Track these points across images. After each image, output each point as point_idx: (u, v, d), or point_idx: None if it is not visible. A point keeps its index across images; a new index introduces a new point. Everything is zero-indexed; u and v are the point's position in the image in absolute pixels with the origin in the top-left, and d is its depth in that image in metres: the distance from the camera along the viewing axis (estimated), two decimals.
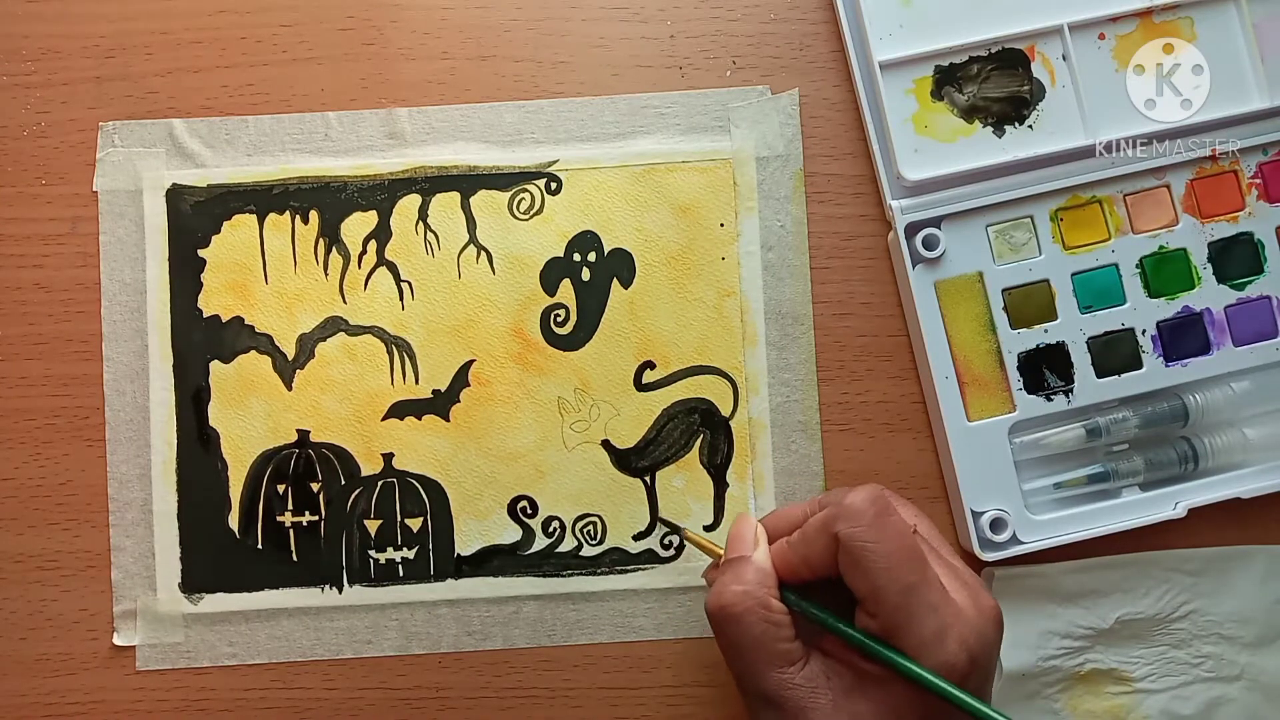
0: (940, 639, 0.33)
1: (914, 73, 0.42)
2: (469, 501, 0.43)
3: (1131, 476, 0.42)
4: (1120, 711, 0.42)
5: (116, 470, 0.42)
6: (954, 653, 0.33)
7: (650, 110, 0.44)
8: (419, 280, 0.43)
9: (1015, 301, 0.42)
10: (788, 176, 0.44)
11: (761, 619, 0.35)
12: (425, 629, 0.42)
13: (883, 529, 0.34)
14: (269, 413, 0.43)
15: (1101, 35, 0.42)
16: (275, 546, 0.42)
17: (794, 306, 0.43)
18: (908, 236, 0.42)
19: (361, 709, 0.42)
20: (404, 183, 0.43)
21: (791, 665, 0.35)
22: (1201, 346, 0.42)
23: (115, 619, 0.42)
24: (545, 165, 0.43)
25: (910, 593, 0.33)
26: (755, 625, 0.35)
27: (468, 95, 0.44)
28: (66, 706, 0.42)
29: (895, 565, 0.33)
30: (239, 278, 0.43)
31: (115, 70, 0.43)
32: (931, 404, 0.42)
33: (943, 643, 0.33)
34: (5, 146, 0.43)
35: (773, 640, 0.35)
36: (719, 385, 0.43)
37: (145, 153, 0.43)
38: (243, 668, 0.42)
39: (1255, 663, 0.43)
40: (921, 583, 0.33)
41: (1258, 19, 0.42)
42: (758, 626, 0.35)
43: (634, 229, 0.43)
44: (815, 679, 0.35)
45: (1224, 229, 0.42)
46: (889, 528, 0.34)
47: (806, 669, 0.35)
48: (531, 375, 0.43)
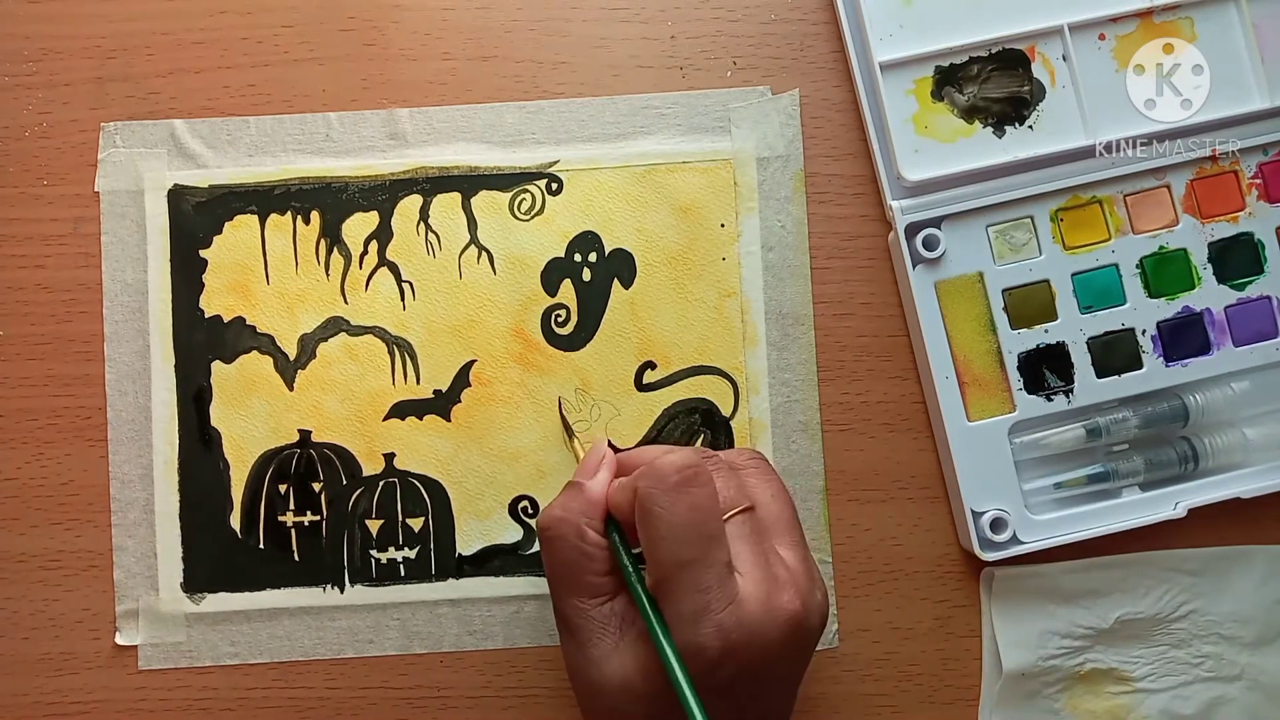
0: (696, 620, 0.32)
1: (914, 73, 0.42)
2: (470, 501, 0.43)
3: (1131, 476, 0.42)
4: (1120, 711, 0.42)
5: (118, 470, 0.42)
6: (706, 635, 0.32)
7: (651, 111, 0.44)
8: (420, 281, 0.43)
9: (1015, 302, 0.42)
10: (788, 177, 0.44)
11: (574, 546, 0.35)
12: (427, 628, 0.42)
13: (677, 498, 0.33)
14: (270, 413, 0.43)
15: (1102, 35, 0.42)
16: (277, 546, 0.42)
17: (794, 307, 0.43)
18: (908, 237, 0.42)
19: (363, 708, 0.42)
20: (405, 183, 0.43)
21: (593, 598, 0.35)
22: (1202, 347, 0.42)
23: (117, 618, 0.42)
24: (546, 166, 0.43)
25: (683, 568, 0.33)
26: (567, 551, 0.35)
27: (469, 96, 0.44)
28: (68, 706, 0.42)
29: (676, 537, 0.33)
30: (240, 278, 0.43)
31: (117, 71, 0.44)
32: (932, 404, 0.42)
33: (696, 624, 0.32)
34: (7, 147, 0.43)
35: (580, 569, 0.35)
36: (719, 385, 0.43)
37: (147, 153, 0.43)
38: (244, 667, 0.42)
39: (1255, 663, 0.43)
40: (698, 561, 0.33)
41: (1258, 19, 0.42)
42: (568, 553, 0.35)
43: (635, 229, 0.43)
44: (609, 619, 0.35)
45: (1224, 229, 0.43)
46: (683, 498, 0.33)
47: (606, 606, 0.35)
48: (532, 375, 0.43)
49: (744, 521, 0.35)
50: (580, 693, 0.36)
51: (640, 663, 0.34)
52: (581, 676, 0.35)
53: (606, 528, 0.36)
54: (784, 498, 0.37)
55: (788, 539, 0.36)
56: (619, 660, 0.34)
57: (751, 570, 0.34)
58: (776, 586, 0.34)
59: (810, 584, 0.35)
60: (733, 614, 0.33)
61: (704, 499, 0.34)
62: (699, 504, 0.33)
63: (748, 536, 0.35)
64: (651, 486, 0.34)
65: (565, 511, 0.36)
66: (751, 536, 0.35)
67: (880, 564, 0.43)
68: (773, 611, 0.33)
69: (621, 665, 0.34)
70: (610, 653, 0.35)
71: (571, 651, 0.36)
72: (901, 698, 0.43)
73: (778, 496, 0.37)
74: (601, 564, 0.35)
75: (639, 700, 0.34)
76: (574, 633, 0.35)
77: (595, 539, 0.36)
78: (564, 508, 0.36)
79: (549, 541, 0.36)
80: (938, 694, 0.43)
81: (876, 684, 0.43)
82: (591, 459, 0.38)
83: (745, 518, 0.35)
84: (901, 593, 0.43)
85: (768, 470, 0.38)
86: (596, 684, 0.35)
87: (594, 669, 0.35)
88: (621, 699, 0.34)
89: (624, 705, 0.34)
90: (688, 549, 0.33)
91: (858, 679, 0.43)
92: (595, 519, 0.36)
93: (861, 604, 0.43)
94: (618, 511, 0.36)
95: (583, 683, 0.36)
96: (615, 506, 0.36)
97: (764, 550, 0.35)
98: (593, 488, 0.37)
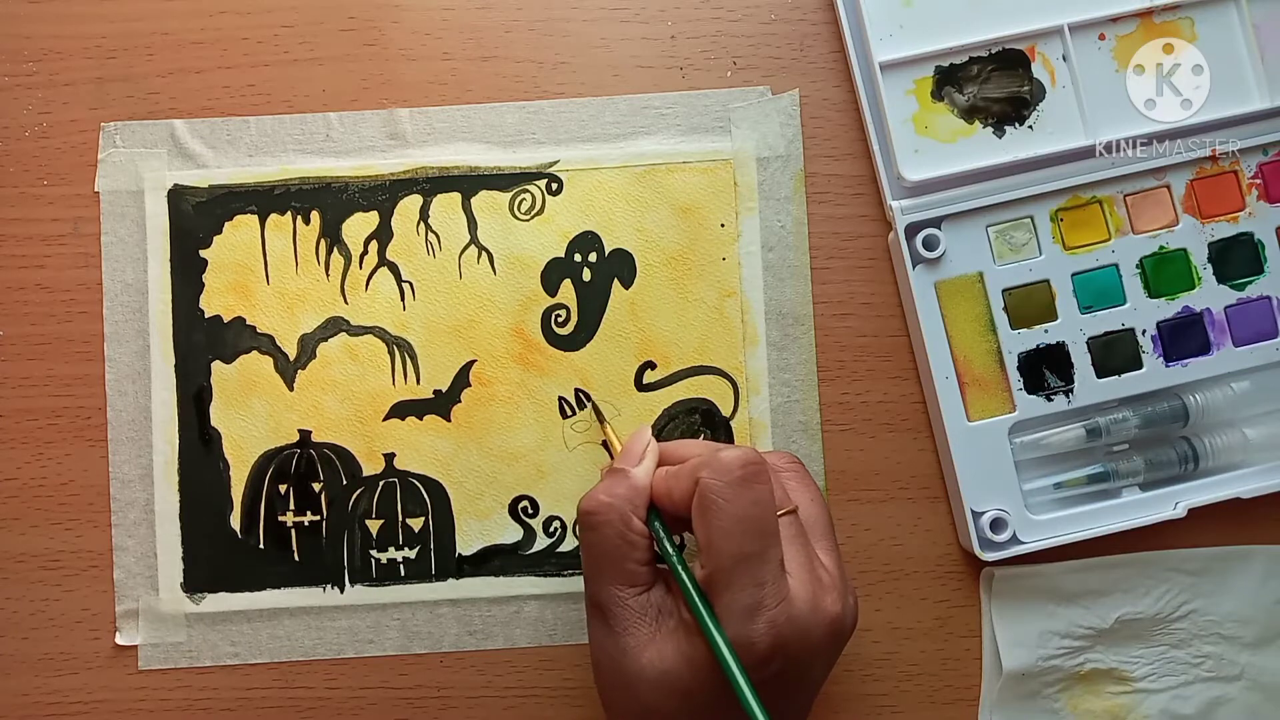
0: (750, 614, 0.33)
1: (914, 73, 0.42)
2: (470, 501, 0.43)
3: (1132, 476, 0.42)
4: (1120, 711, 0.42)
5: (118, 470, 0.42)
6: (759, 632, 0.33)
7: (651, 111, 0.44)
8: (420, 281, 0.43)
9: (1015, 302, 0.42)
10: (788, 177, 0.44)
11: (617, 533, 0.35)
12: (427, 628, 0.42)
13: (740, 492, 0.33)
14: (270, 413, 0.43)
15: (1102, 35, 0.42)
16: (277, 546, 0.43)
17: (794, 307, 0.43)
18: (908, 237, 0.42)
19: (363, 708, 0.42)
20: (405, 183, 0.43)
21: (632, 587, 0.35)
22: (1201, 347, 0.42)
23: (117, 618, 0.42)
24: (546, 166, 0.43)
25: (741, 561, 0.33)
26: (610, 538, 0.35)
27: (469, 96, 0.44)
28: (69, 706, 0.42)
29: (737, 530, 0.33)
30: (240, 278, 0.43)
31: (117, 71, 0.44)
32: (932, 404, 0.42)
33: (751, 618, 0.33)
34: (7, 147, 0.43)
35: (622, 557, 0.35)
36: (720, 385, 0.43)
37: (147, 153, 0.43)
38: (245, 667, 0.42)
39: (1255, 663, 0.43)
40: (756, 556, 0.33)
41: (1258, 19, 0.42)
42: (611, 540, 0.35)
43: (635, 229, 0.43)
44: (647, 609, 0.35)
45: (1224, 229, 0.43)
46: (747, 493, 0.33)
47: (644, 596, 0.35)
48: (533, 375, 0.43)
49: (790, 523, 0.35)
50: (608, 683, 0.36)
51: (683, 654, 0.34)
52: (612, 665, 0.35)
53: (649, 517, 0.36)
54: (821, 503, 0.38)
55: (825, 544, 0.36)
56: (656, 650, 0.34)
57: (798, 571, 0.34)
58: (821, 589, 0.34)
59: (845, 589, 0.36)
60: (784, 611, 0.33)
61: (765, 495, 0.34)
62: (761, 499, 0.34)
63: (794, 538, 0.35)
64: (715, 478, 0.34)
65: (611, 497, 0.36)
66: (797, 538, 0.35)
67: (880, 564, 0.43)
68: (818, 613, 0.34)
69: (660, 655, 0.34)
70: (646, 642, 0.35)
71: (605, 640, 0.36)
72: (902, 698, 0.43)
73: (816, 501, 0.37)
74: (644, 553, 0.35)
75: (676, 693, 0.34)
76: (609, 619, 0.35)
77: (640, 527, 0.35)
78: (609, 493, 0.36)
79: (593, 528, 0.35)
80: (938, 694, 0.43)
81: (877, 684, 0.43)
82: (635, 445, 0.38)
83: (791, 519, 0.35)
84: (902, 593, 0.43)
85: (805, 475, 0.38)
86: (631, 673, 0.35)
87: (628, 658, 0.35)
88: (658, 690, 0.34)
89: (660, 697, 0.34)
90: (746, 543, 0.33)
91: (858, 679, 0.43)
92: (640, 506, 0.36)
93: (862, 604, 0.43)
94: (663, 502, 0.36)
95: (613, 671, 0.35)
96: (661, 497, 0.36)
97: (809, 553, 0.35)
98: (638, 475, 0.36)
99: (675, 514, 0.35)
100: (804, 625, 0.33)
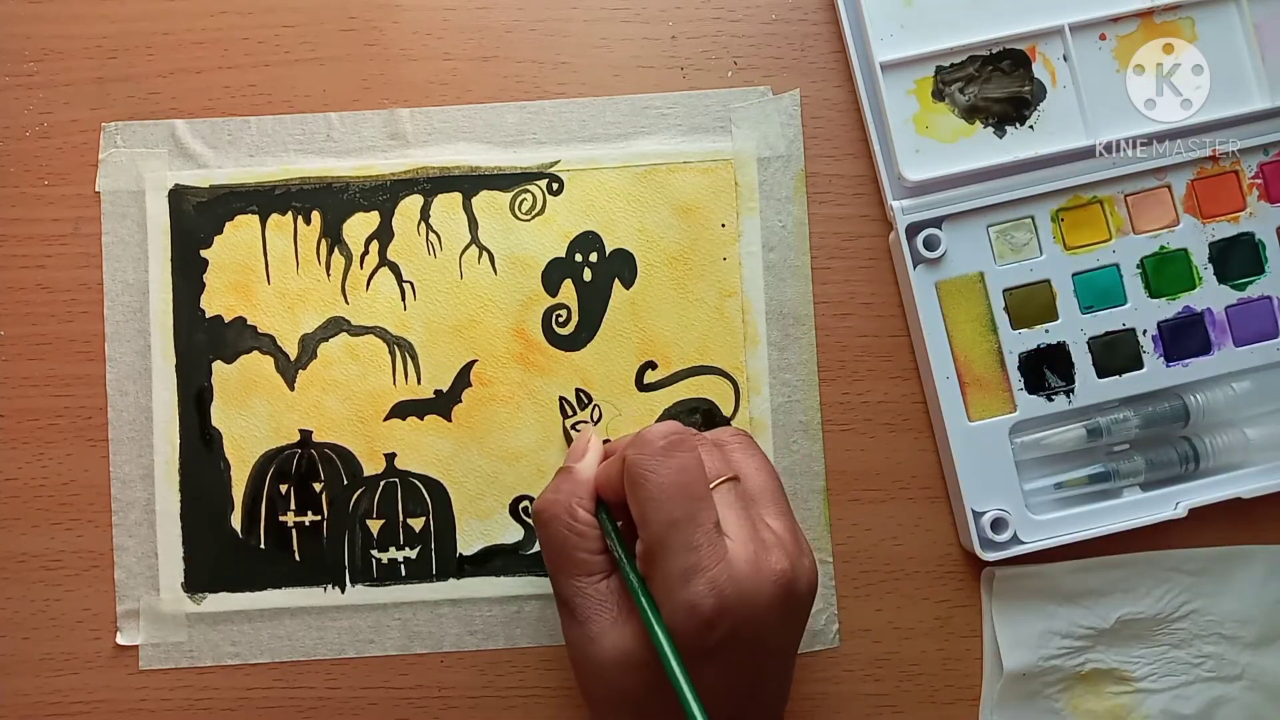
0: (687, 578, 0.33)
1: (915, 73, 0.42)
2: (471, 501, 0.43)
3: (1132, 476, 0.42)
4: (1121, 711, 0.42)
5: (119, 470, 0.42)
6: (699, 594, 0.33)
7: (652, 111, 0.44)
8: (421, 281, 0.43)
9: (1016, 302, 0.42)
10: (789, 177, 0.44)
11: (565, 525, 0.36)
12: (427, 628, 0.42)
13: (664, 460, 0.34)
14: (271, 413, 0.43)
15: (1102, 35, 0.42)
16: (278, 546, 0.43)
17: (795, 307, 0.43)
18: (909, 237, 0.42)
19: (364, 708, 0.42)
20: (406, 183, 0.43)
21: (589, 576, 0.36)
22: (1202, 347, 0.42)
23: (118, 618, 0.42)
24: (547, 166, 0.43)
25: (672, 526, 0.33)
26: (558, 531, 0.36)
27: (469, 96, 0.44)
28: (69, 706, 0.42)
29: (664, 496, 0.34)
30: (241, 278, 0.43)
31: (117, 71, 0.44)
32: (932, 404, 0.42)
33: (688, 582, 0.33)
34: (8, 147, 0.43)
35: (573, 548, 0.36)
36: (720, 385, 0.43)
37: (147, 153, 0.43)
38: (245, 667, 0.42)
39: (1256, 663, 0.43)
40: (686, 519, 0.33)
41: (1258, 19, 0.42)
42: (560, 533, 0.36)
43: (635, 229, 0.43)
44: (606, 595, 0.36)
45: (1225, 229, 0.43)
46: (671, 461, 0.34)
47: (603, 584, 0.36)
48: (533, 375, 0.43)
49: (729, 490, 0.36)
50: (581, 672, 0.37)
51: (640, 633, 0.35)
52: (582, 654, 0.36)
53: (596, 508, 0.37)
54: (769, 470, 0.38)
55: (774, 509, 0.37)
56: (618, 633, 0.35)
57: (738, 533, 0.34)
58: (764, 548, 0.35)
59: (797, 549, 0.36)
60: (724, 570, 0.33)
61: (690, 462, 0.35)
62: (685, 465, 0.34)
63: (733, 504, 0.35)
64: (639, 454, 0.35)
65: (556, 494, 0.37)
66: (737, 504, 0.35)
67: (881, 564, 0.43)
68: (761, 572, 0.34)
69: (621, 637, 0.35)
70: (609, 628, 0.36)
71: (572, 630, 0.37)
72: (902, 698, 0.43)
73: (762, 469, 0.38)
74: (594, 542, 0.37)
75: (637, 669, 0.35)
76: (573, 611, 0.36)
77: (586, 518, 0.37)
78: (555, 490, 0.38)
79: (543, 525, 0.37)
80: (938, 694, 0.43)
81: (877, 684, 0.43)
82: (579, 444, 0.39)
83: (730, 486, 0.36)
84: (902, 593, 0.43)
85: (752, 445, 0.39)
86: (597, 660, 0.36)
87: (594, 645, 0.36)
88: (621, 671, 0.35)
89: (624, 676, 0.35)
90: (675, 508, 0.34)
91: (858, 679, 0.43)
92: (585, 499, 0.37)
93: (862, 604, 0.43)
94: (605, 491, 0.37)
95: (583, 660, 0.36)
96: (602, 487, 0.37)
97: (750, 517, 0.35)
98: (581, 469, 0.38)
99: (620, 501, 0.36)
100: (747, 585, 0.34)
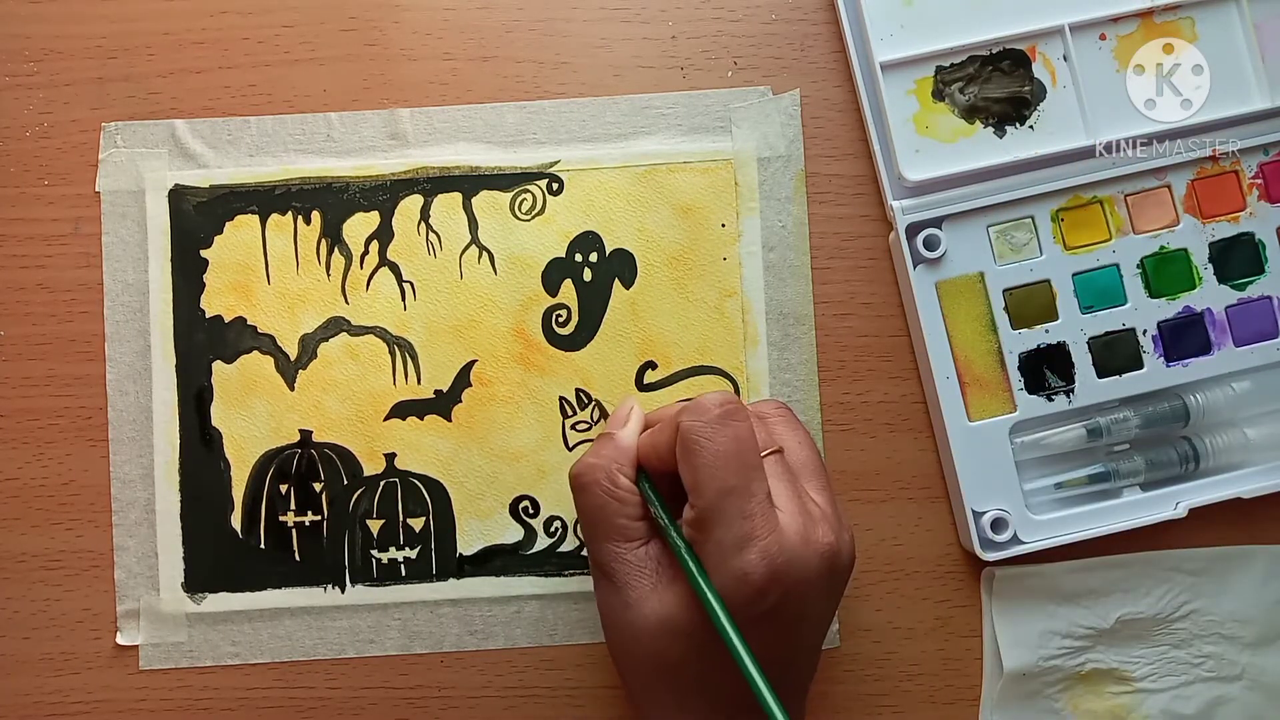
0: (741, 546, 0.33)
1: (915, 73, 0.42)
2: (471, 501, 0.43)
3: (1132, 476, 0.42)
4: (1121, 711, 0.42)
5: (119, 470, 0.42)
6: (752, 563, 0.33)
7: (652, 111, 0.44)
8: (421, 281, 0.43)
9: (1016, 302, 0.42)
10: (789, 177, 0.44)
11: (605, 491, 0.36)
12: (427, 628, 0.42)
13: (720, 429, 0.34)
14: (271, 413, 0.43)
15: (1102, 35, 0.42)
16: (278, 546, 0.43)
17: (795, 307, 0.43)
18: (909, 237, 0.42)
19: (364, 708, 0.42)
20: (406, 183, 0.43)
21: (628, 542, 0.36)
22: (1202, 347, 0.42)
23: (118, 618, 0.42)
24: (547, 166, 0.43)
25: (727, 495, 0.33)
26: (597, 496, 0.36)
27: (470, 96, 0.44)
28: (70, 706, 0.42)
29: (720, 465, 0.34)
30: (241, 278, 0.43)
31: (118, 71, 0.44)
32: (932, 404, 0.42)
33: (742, 551, 0.33)
34: (8, 147, 0.43)
35: (613, 514, 0.36)
36: (720, 385, 0.43)
37: (148, 153, 0.43)
38: (245, 667, 0.42)
39: (1256, 663, 0.43)
40: (741, 488, 0.33)
41: (1258, 19, 0.42)
42: (599, 498, 0.36)
43: (635, 229, 0.43)
44: (645, 562, 0.36)
45: (1225, 229, 0.43)
46: (726, 429, 0.34)
47: (642, 550, 0.36)
48: (533, 375, 0.43)
49: (776, 461, 0.36)
50: (617, 639, 0.36)
51: (682, 600, 0.35)
52: (619, 621, 0.36)
53: (637, 476, 0.37)
54: (810, 444, 0.38)
55: (816, 483, 0.37)
56: (658, 599, 0.35)
57: (787, 505, 0.34)
58: (811, 521, 0.35)
59: (839, 523, 0.36)
60: (776, 540, 0.33)
61: (745, 432, 0.34)
62: (741, 435, 0.34)
63: (781, 475, 0.35)
64: (693, 420, 0.34)
65: (596, 458, 0.37)
66: (784, 475, 0.35)
67: (881, 564, 0.43)
68: (810, 544, 0.34)
69: (662, 603, 0.35)
70: (649, 594, 0.35)
71: (609, 597, 0.36)
72: (902, 698, 0.43)
73: (805, 443, 0.38)
74: (634, 508, 0.36)
75: (680, 636, 0.34)
76: (611, 577, 0.36)
77: (626, 484, 0.36)
78: (595, 455, 0.37)
79: (581, 489, 0.37)
80: (938, 694, 0.43)
81: (877, 684, 0.43)
82: (621, 411, 0.39)
83: (777, 458, 0.36)
84: (902, 593, 0.43)
85: (793, 419, 0.38)
86: (635, 626, 0.35)
87: (632, 611, 0.35)
88: (662, 637, 0.35)
89: (665, 643, 0.35)
90: (730, 476, 0.33)
91: (858, 679, 0.43)
92: (626, 465, 0.37)
93: (862, 604, 0.43)
94: (649, 460, 0.37)
95: (621, 626, 0.36)
96: (646, 455, 0.37)
97: (796, 489, 0.35)
98: (623, 436, 0.37)
99: (664, 470, 0.36)
100: (797, 556, 0.34)
